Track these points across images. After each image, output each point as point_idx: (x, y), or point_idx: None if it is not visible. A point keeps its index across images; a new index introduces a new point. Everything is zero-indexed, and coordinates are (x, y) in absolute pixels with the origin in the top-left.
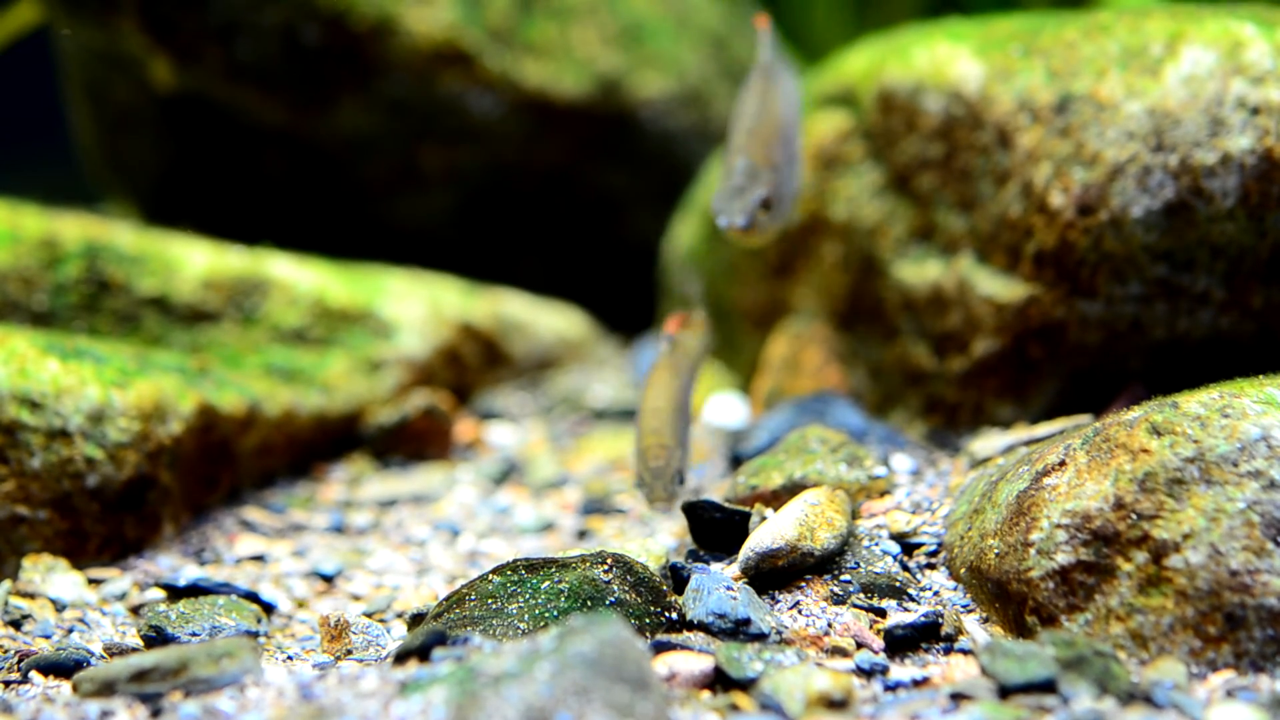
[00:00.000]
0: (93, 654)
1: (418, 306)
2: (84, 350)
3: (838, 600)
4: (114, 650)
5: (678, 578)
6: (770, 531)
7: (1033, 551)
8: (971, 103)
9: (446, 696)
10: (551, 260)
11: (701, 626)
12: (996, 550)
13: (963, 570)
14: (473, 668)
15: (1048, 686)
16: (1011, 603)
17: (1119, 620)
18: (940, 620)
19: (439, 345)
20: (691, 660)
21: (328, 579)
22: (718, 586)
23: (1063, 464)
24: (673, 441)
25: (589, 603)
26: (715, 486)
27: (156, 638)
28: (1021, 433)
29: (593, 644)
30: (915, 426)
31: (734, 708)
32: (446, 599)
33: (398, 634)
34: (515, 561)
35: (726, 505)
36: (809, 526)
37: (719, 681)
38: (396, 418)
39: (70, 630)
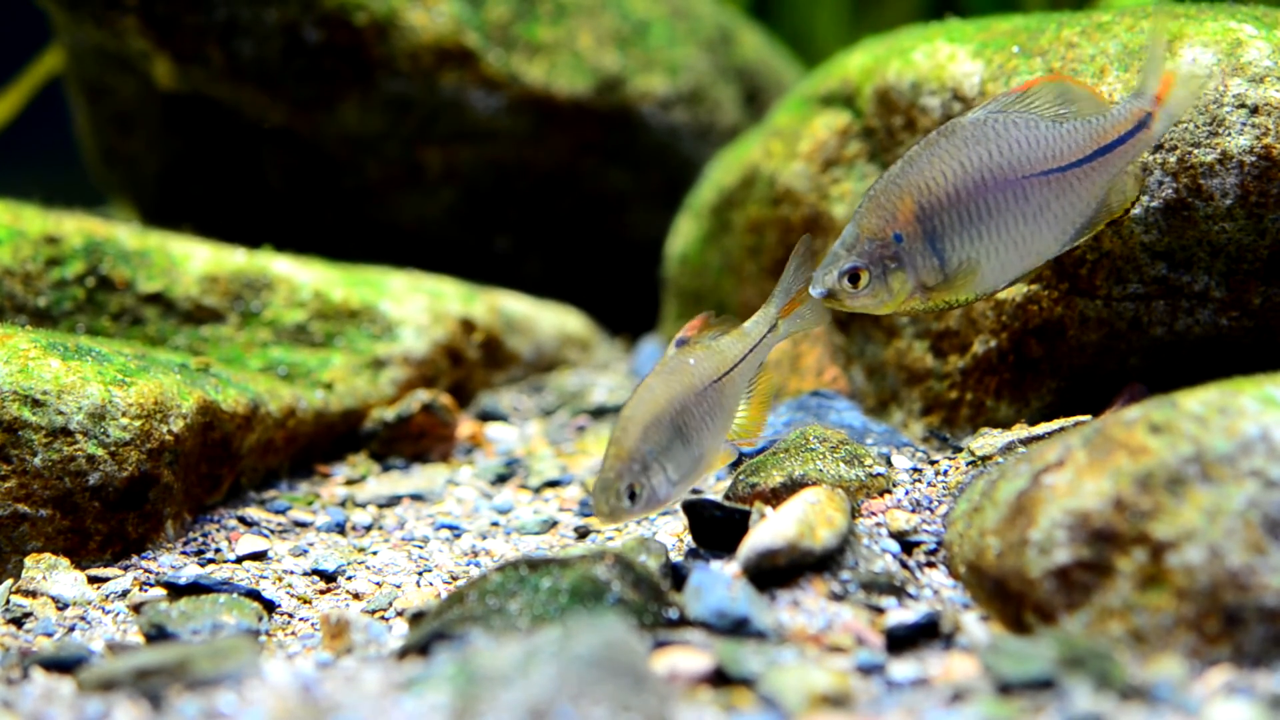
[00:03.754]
0: (94, 652)
1: (419, 305)
2: (85, 348)
3: (837, 598)
4: (115, 648)
5: (678, 576)
6: (770, 530)
7: (1032, 550)
8: (971, 102)
9: (448, 695)
10: (553, 260)
11: (701, 624)
12: (996, 548)
13: (962, 568)
14: (474, 666)
15: (1047, 684)
16: (1011, 601)
17: (1118, 618)
18: (939, 618)
19: (440, 344)
20: (691, 658)
21: (329, 577)
22: (717, 584)
23: (1062, 462)
24: (633, 455)
25: (589, 601)
26: (715, 485)
27: (158, 636)
28: (1021, 431)
29: (593, 642)
30: (914, 425)
31: (734, 706)
32: (447, 598)
33: (399, 632)
34: (516, 560)
35: (726, 504)
36: (809, 525)
37: (719, 679)
38: (398, 414)
39: (72, 628)
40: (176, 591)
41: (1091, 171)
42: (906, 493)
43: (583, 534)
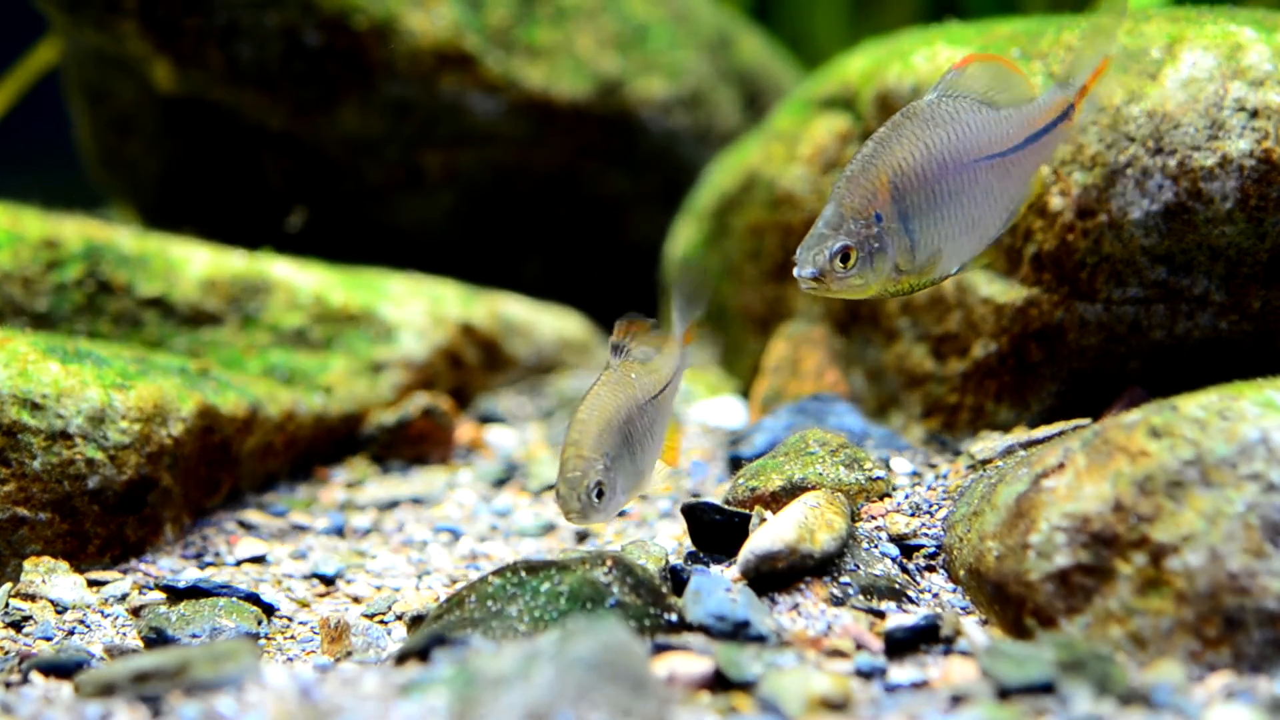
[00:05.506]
0: (93, 655)
1: (418, 309)
2: (85, 352)
3: (837, 602)
4: (114, 652)
5: (677, 580)
6: (769, 534)
7: (1032, 554)
8: None
9: (447, 698)
10: (552, 262)
11: (701, 628)
12: (995, 552)
13: (962, 572)
14: (473, 670)
15: (1047, 688)
16: (1011, 605)
17: (1118, 622)
18: (939, 622)
19: (440, 348)
20: (691, 662)
21: (328, 581)
22: (717, 588)
23: (1062, 466)
24: (595, 455)
25: (589, 604)
26: (715, 489)
27: (157, 639)
28: (1021, 435)
29: (593, 646)
30: (914, 429)
31: (733, 709)
32: (446, 601)
33: (398, 636)
34: (515, 563)
35: (726, 507)
36: (808, 529)
37: (718, 683)
38: (397, 418)
39: (71, 632)
40: (176, 595)
41: (1024, 158)
42: (906, 496)
43: (582, 537)
